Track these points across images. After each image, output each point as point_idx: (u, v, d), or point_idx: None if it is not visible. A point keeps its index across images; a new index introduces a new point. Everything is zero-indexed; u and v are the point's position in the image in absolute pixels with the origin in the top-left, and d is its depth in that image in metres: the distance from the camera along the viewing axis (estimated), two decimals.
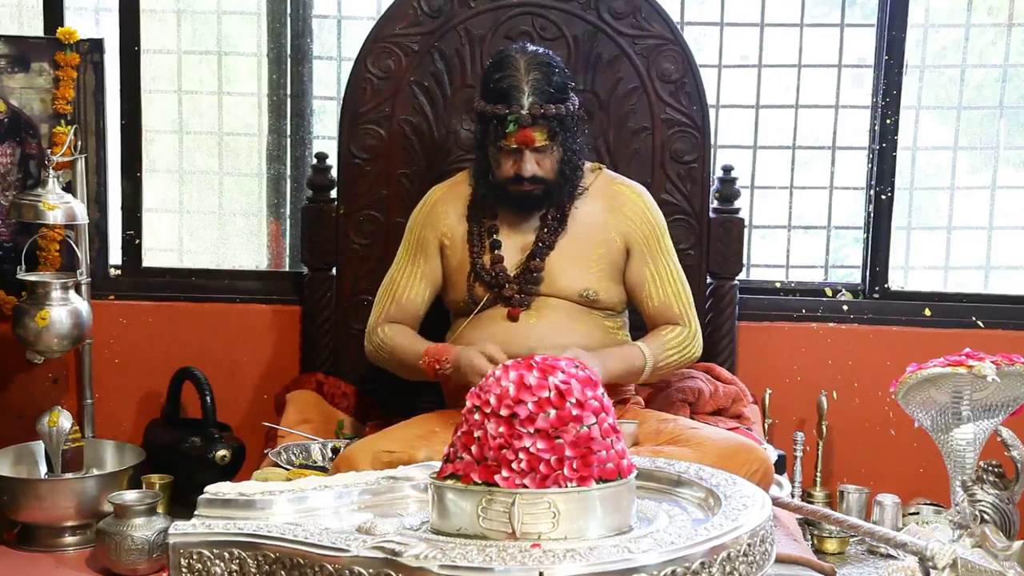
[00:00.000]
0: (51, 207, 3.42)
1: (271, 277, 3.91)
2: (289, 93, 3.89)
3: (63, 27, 3.67)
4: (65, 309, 3.46)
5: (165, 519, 3.22)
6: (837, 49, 3.80)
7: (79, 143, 3.66)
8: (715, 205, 3.56)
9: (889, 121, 3.74)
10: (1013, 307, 3.77)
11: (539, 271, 2.99)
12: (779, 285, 3.85)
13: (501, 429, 1.90)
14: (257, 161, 3.96)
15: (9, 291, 3.66)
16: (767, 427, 3.61)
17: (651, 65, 3.46)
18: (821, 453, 3.68)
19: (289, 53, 3.87)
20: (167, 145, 3.93)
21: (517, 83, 2.88)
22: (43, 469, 3.52)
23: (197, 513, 2.04)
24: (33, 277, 3.51)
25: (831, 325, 3.76)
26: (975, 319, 3.74)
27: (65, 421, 3.41)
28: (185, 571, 1.96)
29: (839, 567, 3.25)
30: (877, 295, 3.80)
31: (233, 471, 3.47)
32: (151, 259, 3.90)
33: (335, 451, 3.09)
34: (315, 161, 3.62)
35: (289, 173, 3.94)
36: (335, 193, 3.60)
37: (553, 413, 1.90)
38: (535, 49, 2.99)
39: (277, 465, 2.99)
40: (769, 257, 3.92)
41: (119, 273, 3.87)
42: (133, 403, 3.84)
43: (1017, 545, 2.54)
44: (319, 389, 3.49)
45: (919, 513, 3.55)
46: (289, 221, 3.95)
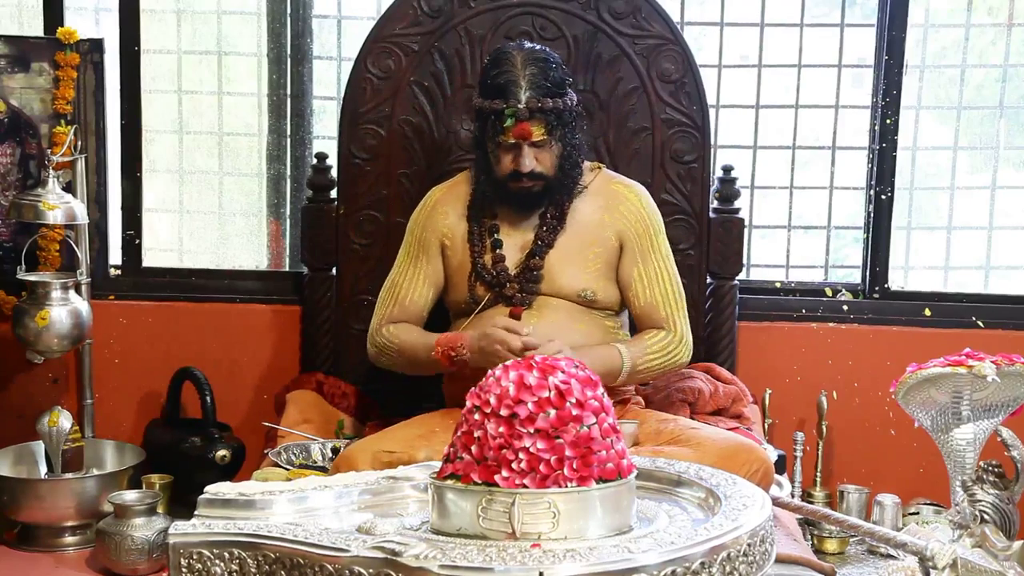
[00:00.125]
0: (51, 207, 3.42)
1: (271, 277, 3.91)
2: (289, 93, 3.89)
3: (63, 27, 3.67)
4: (65, 309, 3.46)
5: (165, 519, 3.22)
6: (837, 49, 3.80)
7: (79, 143, 3.66)
8: (715, 205, 3.56)
9: (889, 121, 3.74)
10: (1013, 307, 3.77)
11: (539, 269, 2.99)
12: (779, 285, 3.84)
13: (501, 429, 1.90)
14: (257, 161, 3.96)
15: (9, 291, 3.66)
16: (767, 427, 3.61)
17: (651, 65, 3.46)
18: (821, 453, 3.67)
19: (289, 53, 3.87)
20: (167, 145, 3.93)
21: (514, 78, 2.88)
22: (43, 469, 3.52)
23: (197, 513, 2.04)
24: (33, 277, 3.51)
25: (831, 325, 3.76)
26: (975, 319, 3.73)
27: (65, 421, 3.41)
28: (185, 571, 1.96)
29: (839, 567, 3.24)
30: (877, 295, 3.80)
31: (233, 471, 3.47)
32: (151, 259, 3.90)
33: (335, 451, 3.09)
34: (315, 161, 3.62)
35: (289, 173, 3.94)
36: (335, 193, 3.60)
37: (553, 413, 1.90)
38: (532, 46, 2.99)
39: (277, 465, 2.99)
40: (769, 257, 3.92)
41: (119, 273, 3.87)
42: (133, 403, 3.84)
43: (1017, 545, 2.54)
44: (319, 389, 3.49)
45: (919, 513, 3.55)
46: (289, 221, 3.95)
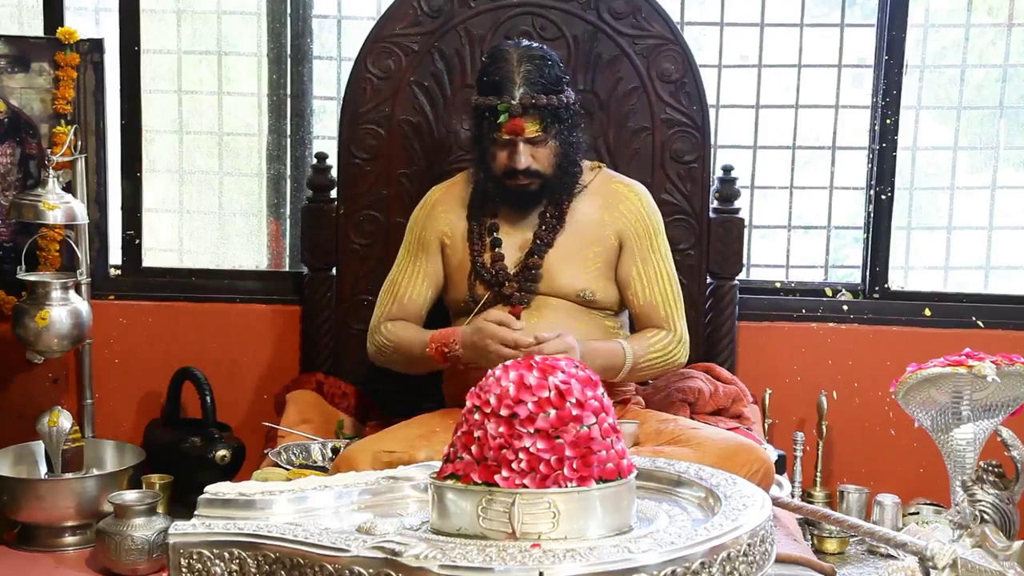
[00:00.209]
0: (51, 207, 3.42)
1: (271, 277, 3.91)
2: (289, 93, 3.89)
3: (63, 27, 3.67)
4: (65, 309, 3.46)
5: (165, 519, 3.22)
6: (837, 49, 3.80)
7: (79, 143, 3.66)
8: (715, 205, 3.56)
9: (889, 121, 3.74)
10: (1013, 307, 3.76)
11: (538, 268, 2.99)
12: (779, 285, 3.84)
13: (501, 429, 1.90)
14: (257, 161, 3.96)
15: (9, 291, 3.66)
16: (767, 427, 3.61)
17: (651, 65, 3.46)
18: (821, 453, 3.67)
19: (289, 53, 3.87)
20: (167, 145, 3.92)
21: (509, 75, 2.89)
22: (43, 469, 3.52)
23: (197, 513, 2.04)
24: (33, 277, 3.51)
25: (831, 325, 3.76)
26: (975, 319, 3.73)
27: (65, 421, 3.41)
28: (185, 571, 1.96)
29: (839, 567, 3.24)
30: (877, 295, 3.80)
31: (233, 471, 3.47)
32: (151, 259, 3.90)
33: (335, 451, 3.09)
34: (315, 161, 3.62)
35: (289, 173, 3.94)
36: (335, 193, 3.60)
37: (553, 413, 1.90)
38: (529, 43, 3.00)
39: (277, 465, 2.99)
40: (769, 257, 3.92)
41: (119, 273, 3.87)
42: (133, 403, 3.84)
43: (1017, 545, 2.54)
44: (319, 389, 3.49)
45: (919, 513, 3.55)
46: (289, 221, 3.95)
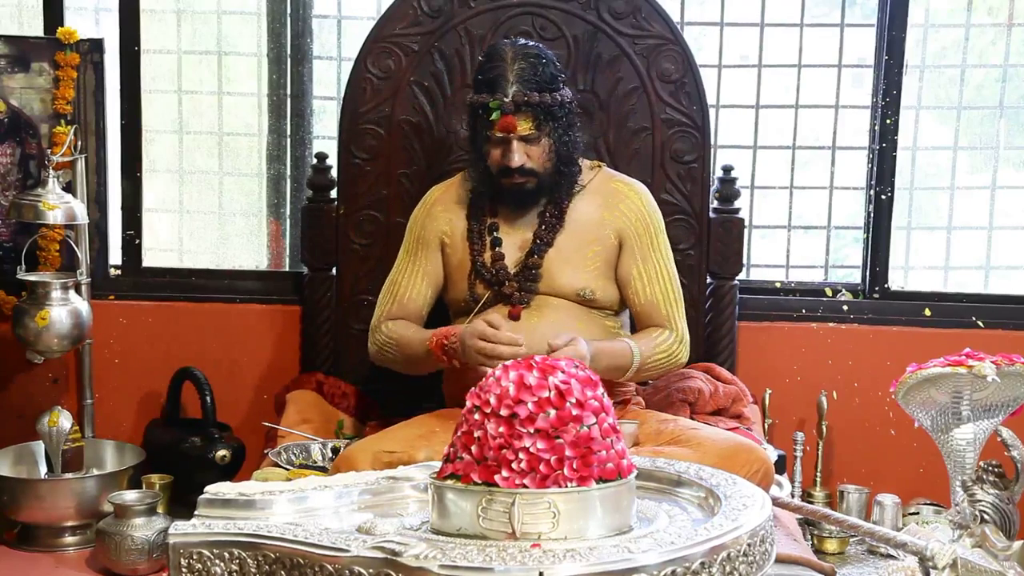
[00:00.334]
0: (51, 207, 3.42)
1: (271, 277, 3.91)
2: (289, 93, 3.89)
3: (63, 27, 3.67)
4: (65, 309, 3.46)
5: (165, 519, 3.22)
6: (837, 49, 3.80)
7: (79, 143, 3.66)
8: (715, 205, 3.56)
9: (889, 121, 3.74)
10: (1013, 307, 3.76)
11: (537, 268, 2.99)
12: (779, 285, 3.84)
13: (501, 429, 1.90)
14: (257, 161, 3.96)
15: (9, 291, 3.66)
16: (767, 427, 3.61)
17: (651, 65, 3.46)
18: (821, 453, 3.67)
19: (289, 53, 3.87)
20: (167, 145, 3.92)
21: (503, 72, 2.89)
22: (43, 469, 3.52)
23: (197, 513, 2.04)
24: (33, 277, 3.51)
25: (831, 325, 3.76)
26: (975, 319, 3.73)
27: (65, 421, 3.41)
28: (185, 571, 1.96)
29: (839, 567, 3.24)
30: (877, 295, 3.80)
31: (233, 471, 3.47)
32: (151, 259, 3.90)
33: (335, 451, 3.09)
34: (315, 161, 3.62)
35: (289, 173, 3.94)
36: (335, 193, 3.60)
37: (553, 413, 1.90)
38: (524, 42, 3.00)
39: (277, 465, 2.99)
40: (769, 257, 3.92)
41: (119, 273, 3.87)
42: (133, 403, 3.84)
43: (1017, 545, 2.54)
44: (319, 389, 3.49)
45: (919, 513, 3.55)
46: (289, 221, 3.95)
